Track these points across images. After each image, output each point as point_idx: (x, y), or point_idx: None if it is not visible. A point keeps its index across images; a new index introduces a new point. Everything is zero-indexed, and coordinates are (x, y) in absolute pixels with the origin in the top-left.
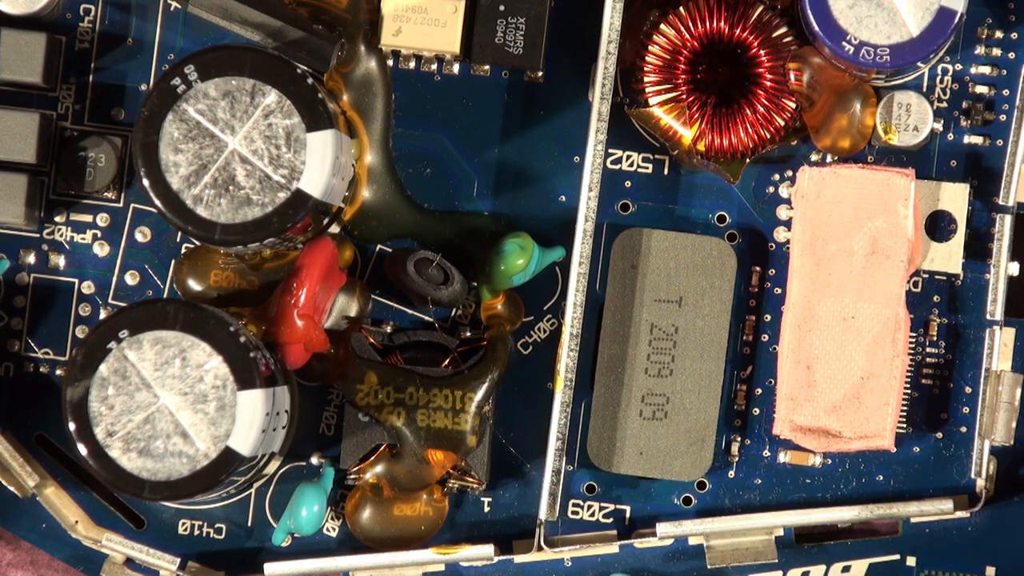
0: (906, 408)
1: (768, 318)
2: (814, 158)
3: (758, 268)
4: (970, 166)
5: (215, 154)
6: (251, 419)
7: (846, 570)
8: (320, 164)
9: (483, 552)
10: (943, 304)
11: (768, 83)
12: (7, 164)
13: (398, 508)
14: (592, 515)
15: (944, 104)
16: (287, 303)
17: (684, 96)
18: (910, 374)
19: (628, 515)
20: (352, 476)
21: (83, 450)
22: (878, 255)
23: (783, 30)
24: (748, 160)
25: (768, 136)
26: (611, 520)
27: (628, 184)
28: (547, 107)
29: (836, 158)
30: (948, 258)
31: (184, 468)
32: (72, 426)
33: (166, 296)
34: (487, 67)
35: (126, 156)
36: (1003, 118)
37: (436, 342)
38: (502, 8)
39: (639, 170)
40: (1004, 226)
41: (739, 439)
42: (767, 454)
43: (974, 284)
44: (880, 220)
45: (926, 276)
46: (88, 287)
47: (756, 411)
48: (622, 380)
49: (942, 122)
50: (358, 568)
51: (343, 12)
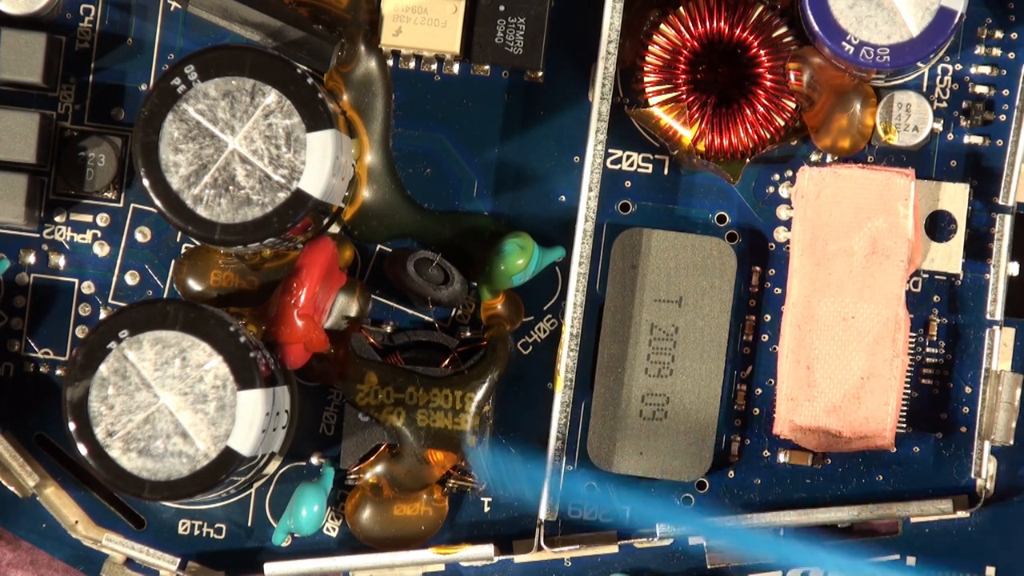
0: (906, 408)
1: (768, 318)
2: (814, 158)
3: (758, 268)
4: (970, 166)
5: (215, 154)
6: (251, 419)
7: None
8: (320, 164)
9: (483, 552)
10: (943, 304)
11: (768, 83)
12: (7, 164)
13: (398, 508)
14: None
15: (944, 104)
16: (287, 303)
17: (684, 96)
18: (910, 374)
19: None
20: (352, 476)
21: (83, 450)
22: (878, 255)
23: (783, 30)
24: (748, 160)
25: (768, 136)
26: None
27: (628, 184)
28: (547, 107)
29: (836, 158)
30: (948, 258)
31: (184, 468)
32: (72, 426)
33: (166, 296)
34: (487, 67)
35: (126, 156)
36: (1003, 118)
37: (436, 342)
38: (502, 8)
39: (639, 170)
40: (1004, 226)
41: (739, 439)
42: (767, 454)
43: (974, 284)
44: (880, 220)
45: (926, 276)
46: (88, 287)
47: (756, 411)
48: (622, 380)
49: (942, 122)
50: (358, 568)
51: (343, 12)
